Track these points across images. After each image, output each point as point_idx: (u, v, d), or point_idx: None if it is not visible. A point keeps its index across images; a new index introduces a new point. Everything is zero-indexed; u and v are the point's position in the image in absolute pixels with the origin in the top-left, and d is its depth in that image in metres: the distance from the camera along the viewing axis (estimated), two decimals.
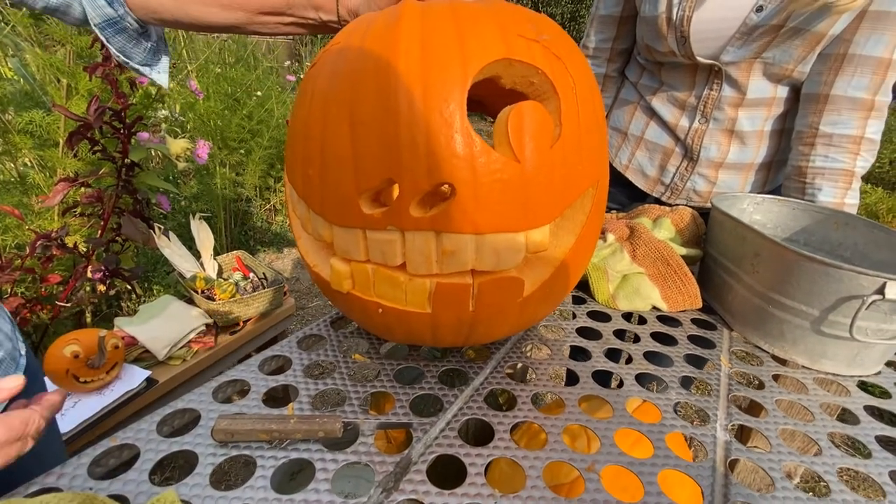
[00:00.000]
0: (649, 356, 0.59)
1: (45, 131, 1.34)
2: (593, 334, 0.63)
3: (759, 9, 0.69)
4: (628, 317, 0.68)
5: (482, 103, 0.57)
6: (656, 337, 0.63)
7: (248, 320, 1.36)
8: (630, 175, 0.94)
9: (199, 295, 1.29)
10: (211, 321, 1.28)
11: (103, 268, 1.25)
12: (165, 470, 1.09)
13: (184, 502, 0.37)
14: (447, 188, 0.39)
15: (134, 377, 1.06)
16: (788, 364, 0.60)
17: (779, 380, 0.57)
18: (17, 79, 1.48)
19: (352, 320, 0.63)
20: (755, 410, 0.54)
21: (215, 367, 1.26)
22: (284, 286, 1.43)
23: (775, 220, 0.75)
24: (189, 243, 1.46)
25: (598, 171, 0.47)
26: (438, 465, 0.43)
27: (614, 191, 0.97)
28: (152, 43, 0.57)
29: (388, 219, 0.40)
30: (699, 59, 0.76)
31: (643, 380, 0.55)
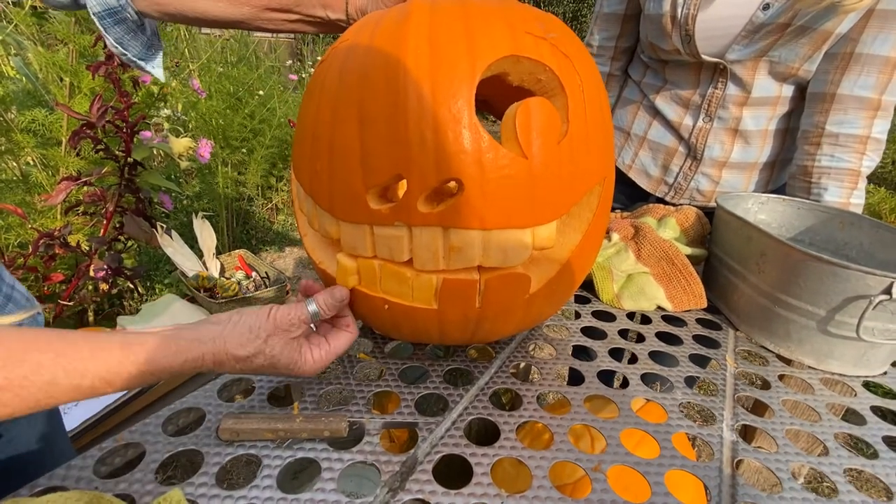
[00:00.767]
0: (654, 356, 0.59)
1: (48, 130, 1.34)
2: (598, 334, 0.63)
3: (766, 7, 0.69)
4: (633, 316, 0.68)
5: (489, 103, 0.57)
6: (661, 337, 0.63)
7: None
8: (633, 175, 0.94)
9: (202, 294, 1.29)
10: None
11: (106, 267, 1.25)
12: (169, 469, 1.10)
13: (189, 501, 0.37)
14: (455, 184, 0.39)
15: None
16: (794, 364, 0.60)
17: (784, 380, 0.57)
18: (20, 77, 1.48)
19: (357, 318, 0.63)
20: (760, 410, 0.53)
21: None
22: (287, 285, 1.43)
23: (780, 220, 0.75)
24: (191, 242, 1.46)
25: (606, 168, 0.47)
26: (443, 465, 0.42)
27: (617, 190, 0.96)
28: (147, 37, 0.57)
29: (395, 214, 0.40)
30: (704, 57, 0.76)
31: (648, 379, 0.55)
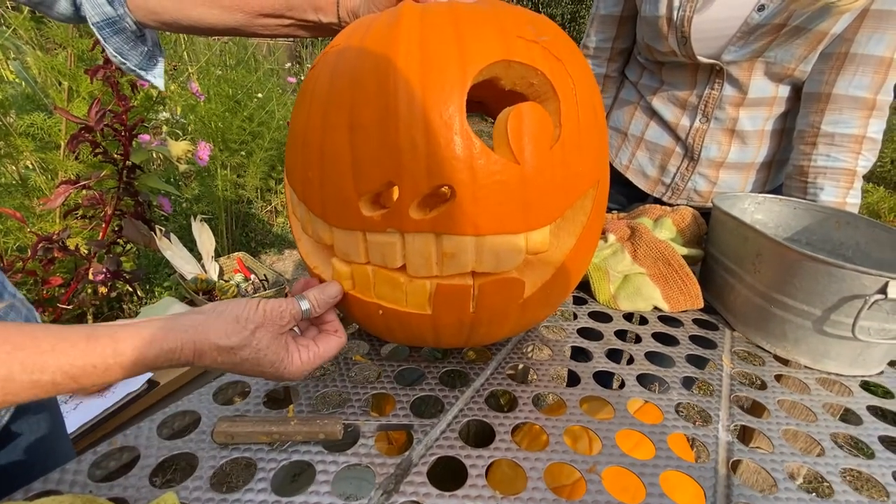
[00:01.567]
0: (651, 356, 0.59)
1: (47, 134, 1.34)
2: (594, 335, 0.63)
3: (761, 8, 0.69)
4: (629, 317, 0.68)
5: (483, 104, 0.57)
6: (658, 337, 0.63)
7: None
8: (630, 175, 0.94)
9: (201, 297, 1.29)
10: None
11: (105, 270, 1.25)
12: (166, 472, 1.09)
13: None
14: (447, 190, 0.39)
15: (135, 379, 1.06)
16: (790, 364, 0.59)
17: (781, 380, 0.57)
18: (19, 81, 1.48)
19: (352, 322, 0.63)
20: (757, 411, 0.53)
21: (216, 369, 1.26)
22: (286, 287, 1.44)
23: (777, 220, 0.75)
24: (190, 245, 1.46)
25: (599, 171, 0.47)
26: (439, 467, 0.42)
27: (614, 191, 0.97)
28: (148, 48, 0.57)
29: (387, 221, 0.40)
30: (700, 58, 0.76)
31: (645, 380, 0.55)
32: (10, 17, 1.40)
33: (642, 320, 0.67)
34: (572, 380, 0.55)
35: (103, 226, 1.29)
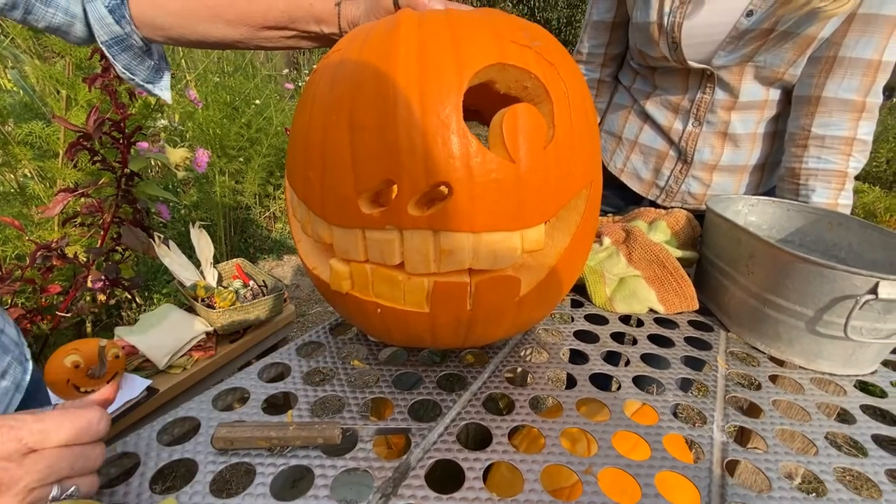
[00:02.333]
0: (647, 358, 0.59)
1: (45, 142, 1.35)
2: (591, 337, 0.63)
3: (750, 13, 0.70)
4: (626, 319, 0.69)
5: (479, 112, 0.58)
6: (653, 339, 0.64)
7: (249, 328, 1.36)
8: (625, 178, 0.95)
9: (200, 303, 1.29)
10: (211, 329, 1.28)
11: (103, 277, 1.25)
12: (166, 479, 1.09)
13: None
14: (445, 188, 0.40)
15: (135, 386, 1.06)
16: (785, 365, 0.60)
17: (776, 380, 0.58)
18: (17, 90, 1.49)
19: (351, 326, 0.64)
20: (755, 411, 0.54)
21: (216, 376, 1.26)
22: (284, 293, 1.44)
23: (770, 222, 0.76)
24: (189, 252, 1.46)
25: (592, 172, 0.47)
26: (437, 470, 0.43)
27: (610, 194, 0.98)
28: (154, 61, 0.58)
29: (386, 218, 0.41)
30: (691, 63, 0.77)
31: (641, 382, 0.55)
32: (9, 27, 1.41)
33: (638, 322, 0.68)
34: (571, 382, 0.55)
35: (102, 233, 1.29)
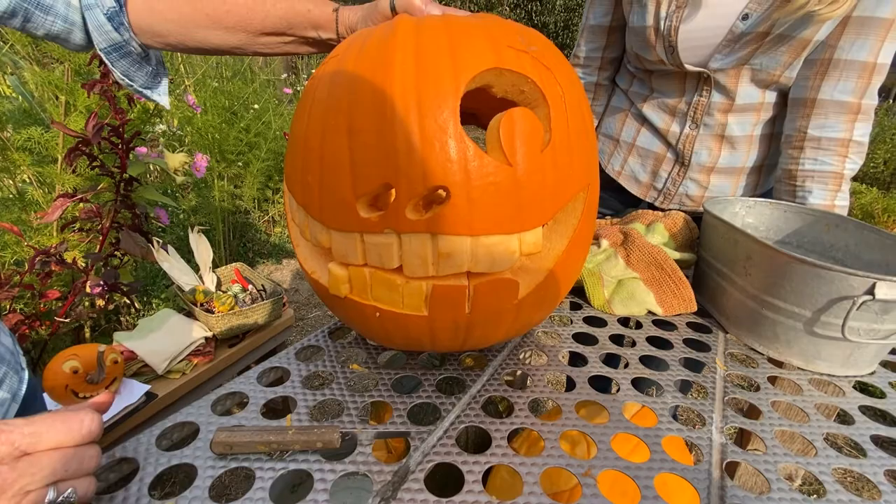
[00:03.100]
0: (645, 360, 0.59)
1: (44, 148, 1.35)
2: (590, 340, 0.63)
3: (745, 17, 0.70)
4: (625, 321, 0.69)
5: (477, 116, 0.58)
6: (652, 341, 0.64)
7: (248, 332, 1.36)
8: (623, 181, 0.95)
9: (199, 308, 1.29)
10: (210, 334, 1.28)
11: (102, 282, 1.25)
12: (165, 484, 1.09)
13: None
14: (442, 192, 0.40)
15: (133, 391, 1.06)
16: (784, 366, 0.60)
17: (775, 382, 0.58)
18: (16, 96, 1.49)
19: (350, 330, 0.64)
20: (754, 413, 0.54)
21: (215, 380, 1.26)
22: (283, 297, 1.44)
23: (767, 223, 0.76)
24: (188, 256, 1.46)
25: (589, 175, 0.48)
26: (437, 474, 0.43)
27: (608, 196, 0.98)
28: (152, 67, 0.59)
29: (384, 222, 0.41)
30: (687, 66, 0.78)
31: (641, 384, 0.55)
32: (8, 33, 1.41)
33: (637, 324, 0.68)
34: (570, 385, 0.55)
35: (100, 238, 1.29)
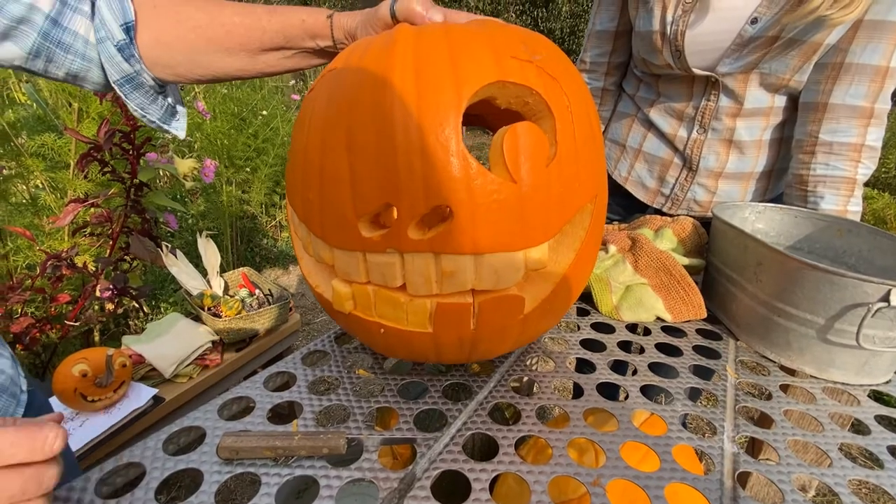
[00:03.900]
0: (654, 367, 0.59)
1: (57, 154, 1.37)
2: (598, 346, 0.63)
3: (754, 21, 0.70)
4: (633, 328, 0.68)
5: (482, 118, 0.58)
6: (661, 348, 0.63)
7: (255, 337, 1.36)
8: (630, 187, 0.95)
9: (206, 312, 1.30)
10: (217, 338, 1.29)
11: (112, 286, 1.27)
12: (171, 489, 1.09)
13: None
14: (445, 209, 0.40)
15: (141, 395, 1.07)
16: (796, 374, 0.59)
17: (787, 390, 0.57)
18: (31, 103, 1.52)
19: (355, 339, 0.64)
20: (766, 422, 0.53)
21: (222, 384, 1.26)
22: (290, 302, 1.44)
23: (778, 229, 0.75)
24: (196, 261, 1.48)
25: (596, 186, 0.47)
26: (443, 481, 0.42)
27: (614, 202, 0.98)
28: (169, 104, 0.59)
29: (387, 241, 0.40)
30: (695, 71, 0.77)
31: (649, 392, 0.54)
32: None
33: (646, 331, 0.67)
34: (578, 392, 0.54)
35: (111, 243, 1.31)
